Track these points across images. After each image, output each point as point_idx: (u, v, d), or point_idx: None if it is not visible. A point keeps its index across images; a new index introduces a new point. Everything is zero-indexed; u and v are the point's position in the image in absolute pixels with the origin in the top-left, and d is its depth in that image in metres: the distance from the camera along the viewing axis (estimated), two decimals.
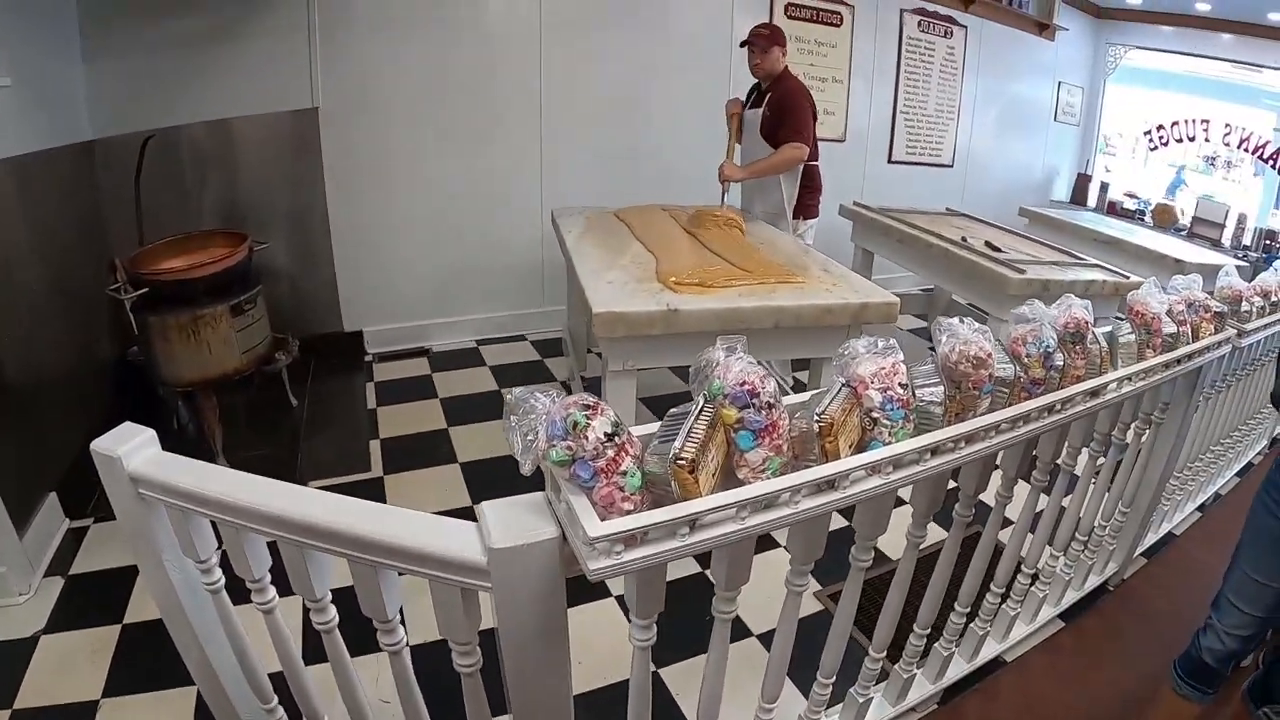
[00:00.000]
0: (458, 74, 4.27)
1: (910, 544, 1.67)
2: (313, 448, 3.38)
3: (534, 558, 1.04)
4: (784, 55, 3.77)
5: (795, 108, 3.65)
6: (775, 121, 3.67)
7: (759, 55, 3.70)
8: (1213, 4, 6.20)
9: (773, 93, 3.74)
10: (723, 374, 1.10)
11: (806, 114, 3.68)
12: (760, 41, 3.68)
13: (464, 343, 4.65)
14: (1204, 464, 3.10)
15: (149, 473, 1.19)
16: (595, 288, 2.45)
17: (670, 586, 1.18)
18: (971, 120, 6.55)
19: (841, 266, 2.97)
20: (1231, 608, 1.84)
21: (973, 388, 1.39)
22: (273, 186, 4.01)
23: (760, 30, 3.71)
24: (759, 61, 3.72)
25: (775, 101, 3.70)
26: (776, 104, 3.69)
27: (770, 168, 3.70)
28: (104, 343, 3.41)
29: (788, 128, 3.62)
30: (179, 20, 3.57)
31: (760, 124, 3.74)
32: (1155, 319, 2.00)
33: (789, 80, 3.76)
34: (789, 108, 3.65)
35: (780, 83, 3.75)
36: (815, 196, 3.96)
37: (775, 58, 3.71)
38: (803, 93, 3.73)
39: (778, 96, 3.70)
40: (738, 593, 1.30)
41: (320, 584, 1.24)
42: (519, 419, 1.04)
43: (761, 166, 3.69)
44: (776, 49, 3.71)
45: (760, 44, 3.68)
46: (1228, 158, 7.03)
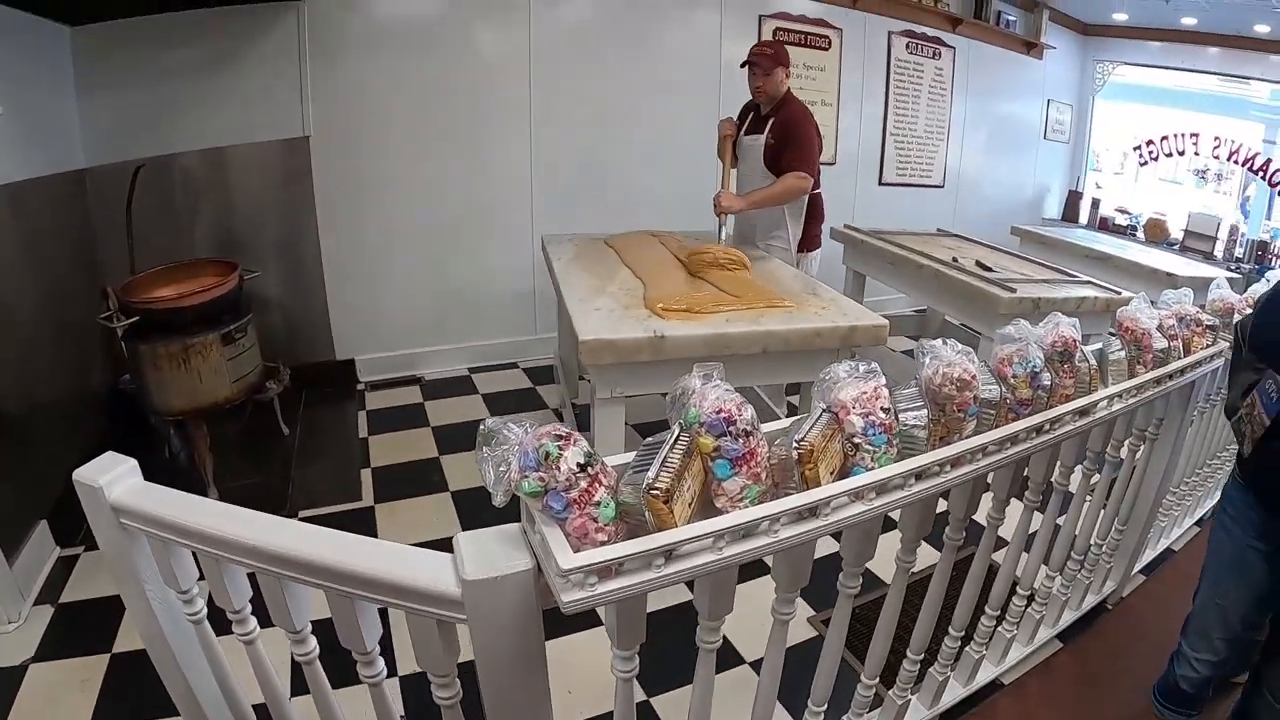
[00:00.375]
0: (448, 101, 4.29)
1: (900, 569, 1.65)
2: (304, 477, 3.36)
3: (509, 590, 1.03)
4: (787, 76, 3.52)
5: (802, 136, 3.42)
6: (779, 149, 3.44)
7: (761, 77, 3.45)
8: (1198, 18, 6.25)
9: (776, 118, 3.49)
10: (699, 402, 1.09)
11: (813, 142, 3.46)
12: (764, 61, 3.42)
13: (456, 370, 4.65)
14: (1201, 478, 3.08)
15: (130, 503, 1.19)
16: (583, 315, 2.44)
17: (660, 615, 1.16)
18: (961, 140, 6.59)
19: (831, 290, 2.97)
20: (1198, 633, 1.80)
21: (957, 410, 1.37)
22: (264, 215, 4.02)
23: (764, 49, 3.47)
24: (761, 84, 3.47)
25: (779, 127, 3.45)
26: (781, 130, 3.45)
27: (772, 198, 3.42)
28: (97, 371, 3.41)
29: (793, 156, 3.38)
30: (171, 51, 3.60)
31: (763, 152, 3.50)
32: (1145, 335, 1.99)
33: (793, 104, 3.51)
34: (795, 136, 3.41)
35: (784, 106, 3.50)
36: (818, 226, 3.75)
37: (779, 79, 3.47)
38: (809, 118, 3.49)
39: (782, 122, 3.46)
40: (721, 622, 1.28)
41: (299, 616, 1.22)
42: (491, 450, 1.02)
43: (762, 197, 3.40)
44: (780, 70, 3.46)
45: (764, 64, 3.42)
46: (1218, 170, 7.07)
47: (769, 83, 3.46)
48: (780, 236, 3.64)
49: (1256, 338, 1.53)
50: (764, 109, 3.58)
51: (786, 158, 3.40)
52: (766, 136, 3.50)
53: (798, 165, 3.37)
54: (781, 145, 3.44)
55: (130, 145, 3.51)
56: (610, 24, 4.63)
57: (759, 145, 3.53)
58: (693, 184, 4.66)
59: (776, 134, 3.46)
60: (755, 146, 3.56)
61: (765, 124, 3.53)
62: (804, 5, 5.33)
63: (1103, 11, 6.85)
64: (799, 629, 2.42)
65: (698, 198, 3.68)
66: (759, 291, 2.75)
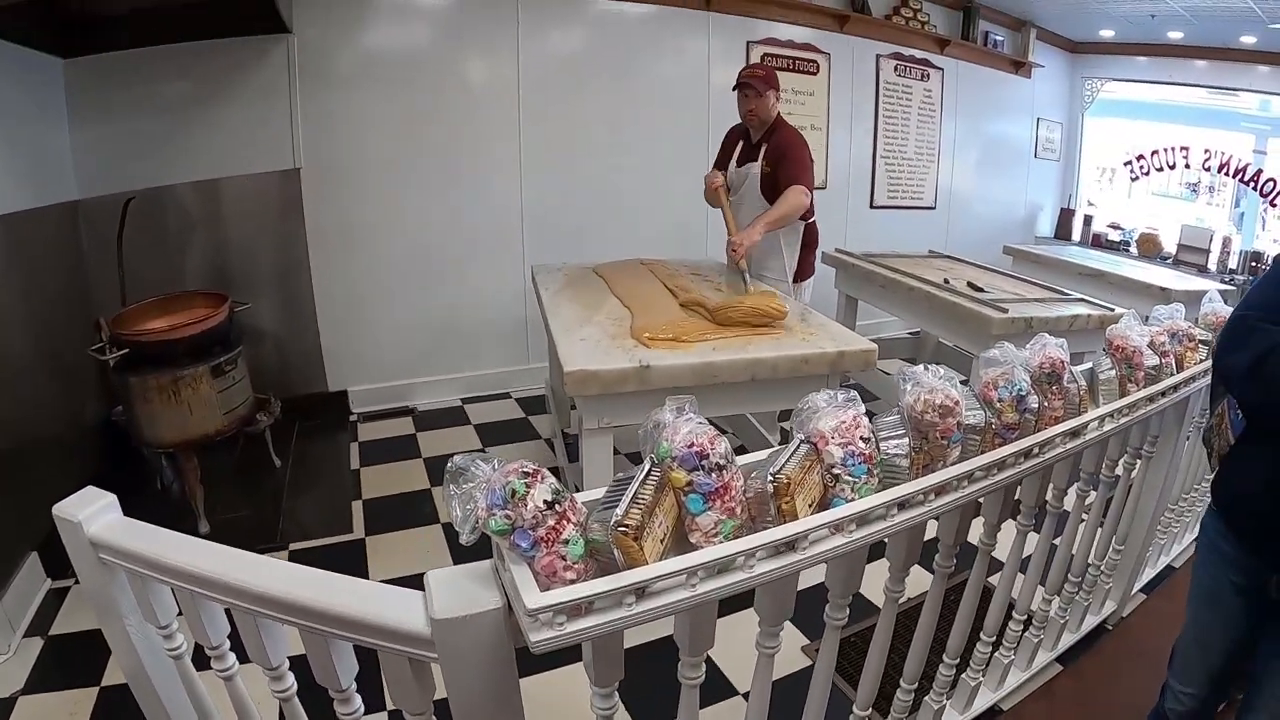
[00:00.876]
0: (438, 133, 4.32)
1: (889, 599, 1.62)
2: (295, 509, 3.34)
3: (479, 628, 1.01)
4: (778, 100, 3.44)
5: (797, 156, 3.35)
6: (775, 173, 3.38)
7: (754, 99, 3.37)
8: (1185, 31, 6.28)
9: (769, 144, 3.44)
10: (671, 435, 1.07)
11: (809, 163, 3.39)
12: (756, 84, 3.34)
13: (449, 401, 4.64)
14: (1200, 493, 3.05)
15: (109, 538, 1.19)
16: (568, 345, 2.43)
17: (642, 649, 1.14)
18: (952, 161, 6.61)
19: (820, 315, 2.95)
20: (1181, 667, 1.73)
21: (940, 437, 1.35)
22: (256, 247, 4.03)
23: (755, 72, 3.42)
24: (754, 107, 3.39)
25: (773, 153, 3.40)
26: (775, 155, 3.39)
27: (781, 218, 3.27)
28: (90, 402, 3.40)
29: (790, 172, 3.30)
30: (161, 83, 3.64)
31: (760, 180, 3.45)
32: (1136, 352, 1.97)
33: (785, 129, 3.46)
34: (791, 157, 3.35)
35: (776, 132, 3.45)
36: (813, 254, 3.72)
37: (770, 102, 3.39)
38: (802, 141, 3.44)
39: (775, 147, 3.41)
40: (702, 658, 1.26)
41: (275, 653, 1.22)
42: (459, 487, 1.01)
43: (773, 217, 3.24)
44: (772, 93, 3.39)
45: (757, 86, 3.34)
46: (1210, 183, 7.08)
47: (761, 105, 3.39)
48: (775, 267, 3.58)
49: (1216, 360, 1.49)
50: (755, 135, 3.53)
51: (785, 176, 3.31)
52: (761, 164, 3.45)
53: (795, 180, 3.28)
54: (776, 169, 3.38)
55: (122, 177, 3.54)
56: (598, 53, 4.67)
57: (755, 174, 3.48)
58: (683, 211, 4.69)
59: (771, 160, 3.42)
60: (751, 176, 3.50)
61: (758, 151, 3.48)
62: (791, 30, 5.37)
63: (1089, 29, 6.90)
64: (793, 658, 2.40)
65: (688, 225, 3.69)
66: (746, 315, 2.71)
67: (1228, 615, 1.56)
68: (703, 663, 1.27)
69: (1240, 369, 1.30)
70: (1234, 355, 1.33)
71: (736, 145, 3.61)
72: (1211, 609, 1.60)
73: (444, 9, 4.25)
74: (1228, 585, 1.53)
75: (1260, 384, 1.27)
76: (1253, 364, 1.27)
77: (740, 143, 3.59)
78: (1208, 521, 1.60)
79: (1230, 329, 1.37)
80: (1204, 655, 1.65)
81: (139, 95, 3.58)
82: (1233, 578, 1.51)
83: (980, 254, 5.31)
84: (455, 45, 4.29)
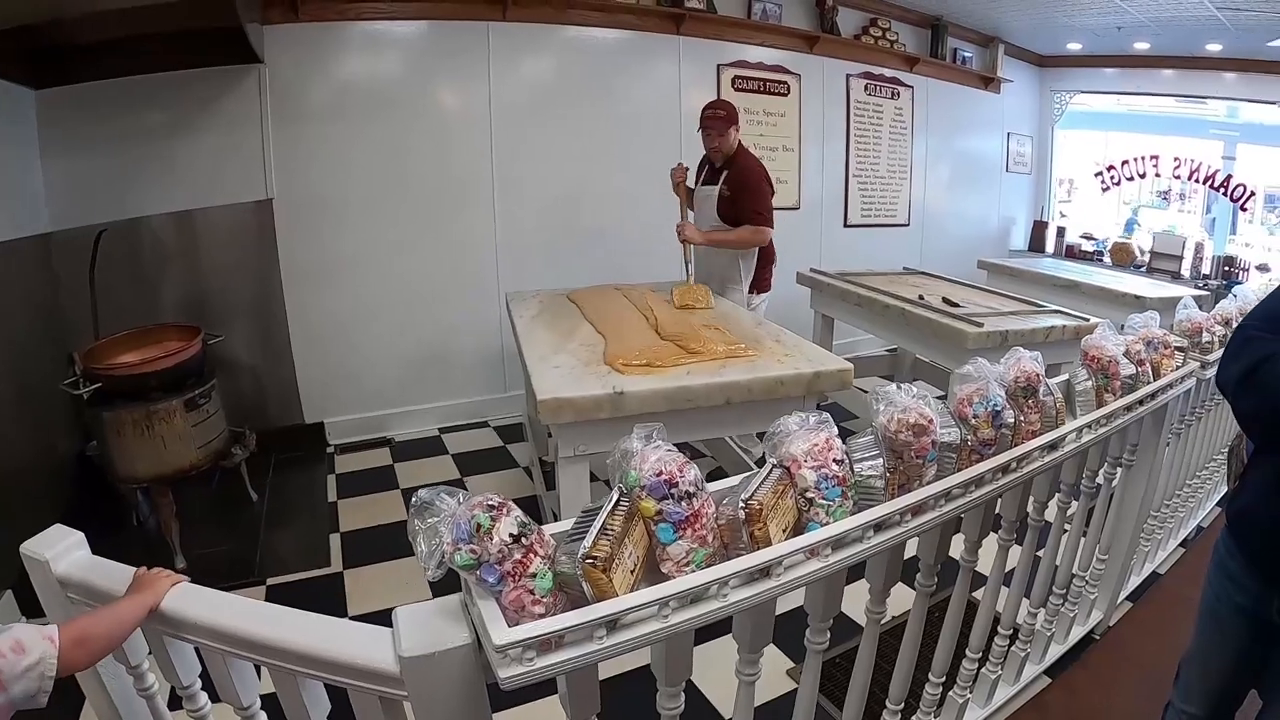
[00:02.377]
0: (411, 162, 4.31)
1: (871, 620, 1.60)
2: (272, 543, 3.29)
3: (448, 665, 1.00)
4: (738, 132, 3.69)
5: (756, 189, 3.58)
6: (734, 200, 3.60)
7: (717, 138, 3.61)
8: (1151, 42, 6.38)
9: (729, 170, 3.65)
10: (639, 464, 1.05)
11: (767, 193, 3.62)
12: (718, 125, 3.59)
13: (426, 431, 4.59)
14: (1181, 499, 3.06)
15: (76, 576, 1.19)
16: (541, 373, 2.42)
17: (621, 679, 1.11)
18: (924, 178, 6.67)
19: (795, 336, 2.95)
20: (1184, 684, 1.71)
21: (915, 456, 1.34)
22: (229, 278, 4.00)
23: (716, 112, 3.62)
24: (717, 144, 3.64)
25: (734, 180, 3.61)
26: (736, 183, 3.61)
27: (729, 242, 3.63)
28: (64, 437, 3.36)
29: (749, 208, 3.56)
30: (134, 114, 3.62)
31: (717, 203, 3.67)
32: (1112, 362, 1.98)
33: (746, 158, 3.69)
34: (750, 188, 3.58)
35: (736, 160, 3.67)
36: (769, 270, 3.88)
37: (732, 138, 3.64)
38: (762, 172, 3.67)
39: (736, 175, 3.62)
40: (680, 688, 1.24)
41: (246, 692, 1.20)
42: (423, 522, 0.99)
43: (720, 238, 3.63)
44: (733, 129, 3.63)
45: (718, 127, 3.59)
46: (1180, 190, 7.18)
47: (724, 142, 3.63)
48: (733, 277, 3.78)
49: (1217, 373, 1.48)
50: (718, 164, 3.75)
51: (744, 210, 3.57)
52: (721, 188, 3.66)
53: (755, 219, 3.56)
54: (736, 196, 3.60)
55: (94, 209, 3.51)
56: (570, 81, 4.69)
57: (713, 196, 3.70)
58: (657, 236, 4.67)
59: (731, 185, 3.63)
60: (710, 197, 3.72)
61: (719, 175, 3.70)
62: (761, 53, 5.41)
63: (1057, 43, 7.01)
64: (776, 681, 2.37)
65: (662, 250, 3.71)
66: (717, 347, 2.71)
67: (1230, 635, 1.54)
68: (681, 692, 1.25)
69: (1235, 378, 1.30)
70: (1230, 366, 1.33)
71: (704, 167, 3.88)
72: (1215, 627, 1.58)
73: (415, 39, 4.26)
74: (1231, 604, 1.51)
75: (1252, 393, 1.26)
76: (1246, 373, 1.26)
77: (706, 166, 3.86)
78: (1219, 539, 1.58)
79: (1230, 341, 1.37)
80: (1205, 674, 1.63)
81: (111, 126, 3.57)
82: (1237, 598, 1.49)
83: (955, 269, 5.35)
84: (427, 74, 4.30)
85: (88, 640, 1.02)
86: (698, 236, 3.60)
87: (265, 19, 3.81)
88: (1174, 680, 1.73)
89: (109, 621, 1.06)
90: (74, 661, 0.99)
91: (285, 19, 3.87)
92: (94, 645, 1.03)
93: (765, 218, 3.57)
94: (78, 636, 1.00)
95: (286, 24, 3.88)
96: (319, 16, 3.96)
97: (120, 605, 1.09)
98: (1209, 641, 1.61)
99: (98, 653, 1.06)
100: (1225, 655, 1.57)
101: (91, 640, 1.02)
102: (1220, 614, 1.55)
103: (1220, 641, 1.57)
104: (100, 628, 1.05)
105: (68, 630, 0.99)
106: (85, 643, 1.01)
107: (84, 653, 1.01)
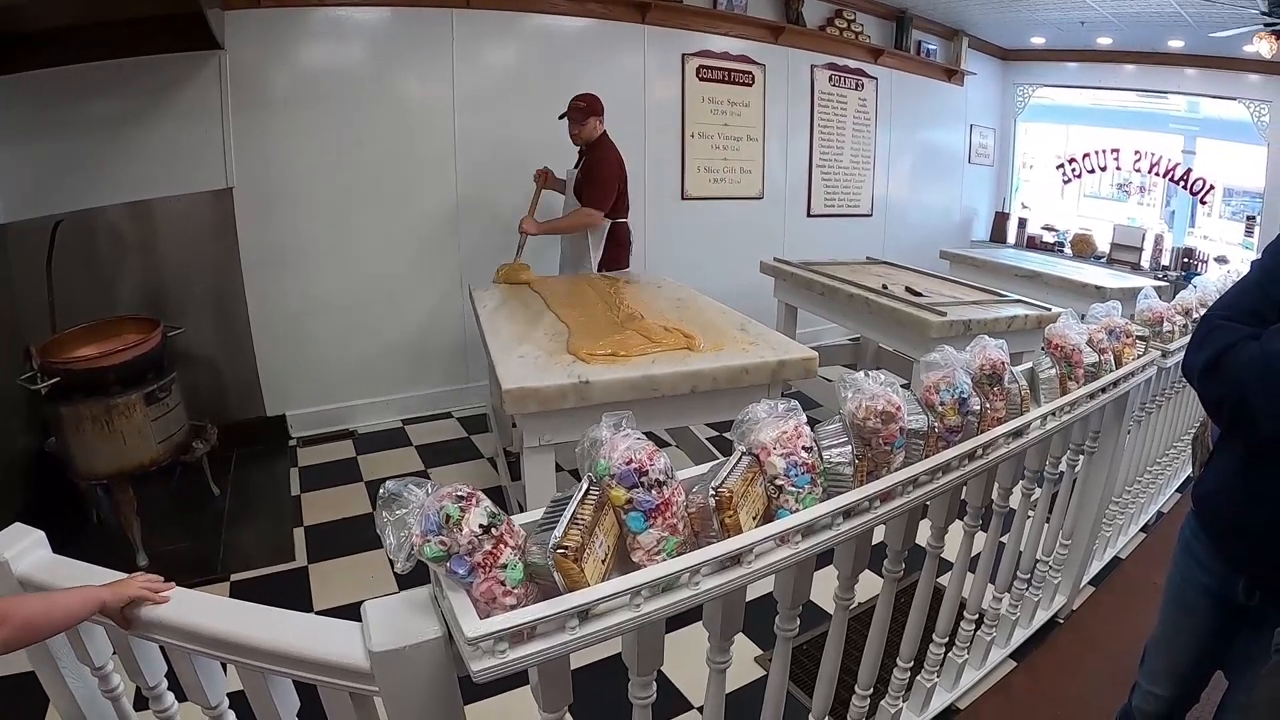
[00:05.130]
0: (373, 152, 4.25)
1: (839, 607, 1.61)
2: (235, 538, 3.23)
3: (419, 659, 0.99)
4: (601, 123, 4.06)
5: (600, 176, 3.95)
6: (582, 184, 4.01)
7: (577, 126, 4.00)
8: (1114, 37, 6.47)
9: (587, 158, 4.05)
10: (608, 453, 1.04)
11: (610, 181, 3.97)
12: (577, 115, 3.97)
13: (390, 423, 4.54)
14: (1143, 485, 3.13)
15: (37, 576, 1.16)
16: (506, 363, 2.41)
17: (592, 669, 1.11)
18: (887, 169, 6.72)
19: (759, 325, 2.97)
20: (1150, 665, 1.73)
21: (884, 443, 1.35)
22: (189, 269, 3.91)
23: (578, 104, 3.97)
24: (577, 131, 4.01)
25: (586, 167, 4.03)
26: (587, 169, 4.02)
27: (565, 227, 4.07)
28: (21, 434, 3.26)
29: (590, 193, 3.95)
30: (90, 102, 3.51)
31: (574, 185, 4.07)
32: (1075, 350, 2.01)
33: (601, 148, 4.03)
34: (595, 175, 3.96)
35: (594, 149, 4.04)
36: (620, 251, 4.19)
37: (592, 126, 4.02)
38: (611, 160, 4.01)
39: (589, 162, 4.02)
40: (652, 677, 1.24)
41: (214, 691, 1.19)
42: (391, 513, 0.97)
43: (558, 225, 4.06)
44: (594, 119, 4.01)
45: (578, 117, 3.97)
46: (1140, 183, 7.31)
47: (584, 130, 4.01)
48: (585, 260, 4.11)
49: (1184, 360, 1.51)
50: (580, 149, 4.13)
51: (586, 193, 3.98)
52: (577, 174, 4.09)
53: (588, 203, 3.95)
54: (584, 181, 4.01)
55: (51, 199, 3.41)
56: (534, 68, 4.65)
57: (572, 179, 4.11)
58: None
59: (584, 172, 4.04)
60: (571, 179, 4.12)
61: (580, 161, 4.12)
62: (726, 43, 5.41)
63: (1021, 36, 7.09)
64: (747, 669, 2.39)
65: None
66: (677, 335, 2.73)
67: (1195, 616, 1.57)
68: (653, 681, 1.25)
69: (1200, 365, 1.32)
70: (1196, 353, 1.35)
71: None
72: (1180, 609, 1.61)
73: (379, 26, 4.19)
74: (1197, 586, 1.54)
75: (1217, 380, 1.28)
76: (1211, 360, 1.28)
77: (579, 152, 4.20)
78: (1185, 523, 1.60)
79: (1196, 330, 1.39)
80: (1171, 655, 1.66)
81: (67, 114, 3.46)
82: (1202, 579, 1.52)
83: (917, 259, 5.38)
84: (390, 63, 4.23)
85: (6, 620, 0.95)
86: (533, 228, 3.98)
87: (226, 4, 3.72)
88: (1139, 663, 1.76)
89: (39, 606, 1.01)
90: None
91: (246, 4, 3.78)
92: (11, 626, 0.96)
93: (597, 203, 3.94)
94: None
95: (248, 9, 3.79)
96: (281, 1, 3.88)
97: (64, 593, 1.06)
98: (1175, 623, 1.64)
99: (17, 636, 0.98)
100: (1191, 637, 1.59)
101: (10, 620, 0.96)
102: (1186, 596, 1.57)
103: (1186, 623, 1.59)
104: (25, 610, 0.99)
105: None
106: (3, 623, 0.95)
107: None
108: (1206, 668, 1.63)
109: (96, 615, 1.07)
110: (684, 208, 5.43)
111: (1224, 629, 1.53)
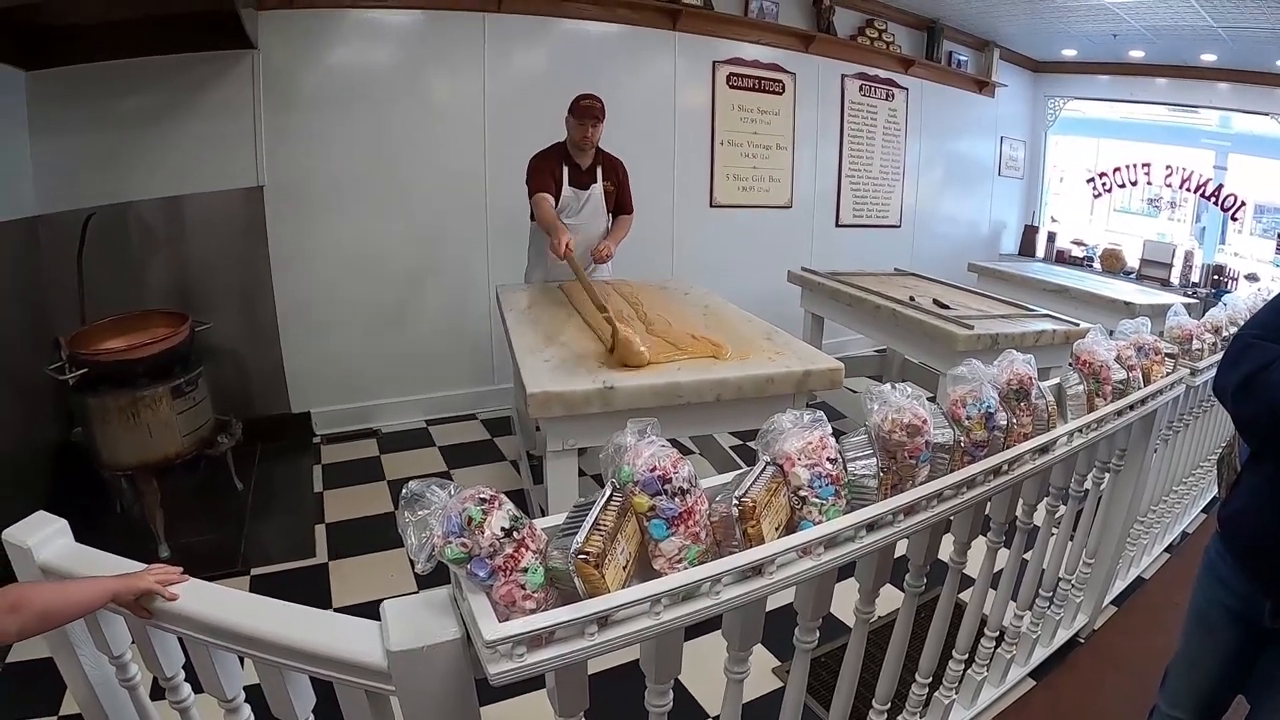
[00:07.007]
0: (403, 153, 4.28)
1: (859, 620, 1.60)
2: (257, 533, 3.26)
3: (437, 660, 0.99)
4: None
5: (627, 177, 3.91)
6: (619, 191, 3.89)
7: (594, 128, 3.73)
8: (1146, 50, 6.39)
9: (604, 165, 3.85)
10: (632, 459, 1.04)
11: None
12: (602, 116, 3.72)
13: (414, 423, 4.56)
14: (1168, 505, 3.08)
15: (59, 564, 1.18)
16: (531, 366, 2.40)
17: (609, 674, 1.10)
18: (917, 180, 6.68)
19: (786, 334, 2.95)
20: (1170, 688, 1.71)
21: (909, 457, 1.34)
22: (218, 265, 3.95)
23: (595, 104, 3.71)
24: (594, 134, 3.75)
25: (612, 174, 3.87)
26: (615, 177, 3.88)
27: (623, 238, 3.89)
28: (48, 423, 3.31)
29: (626, 201, 3.91)
30: (126, 98, 3.57)
31: (605, 198, 3.85)
32: (1103, 367, 1.98)
33: (608, 154, 3.90)
34: (626, 182, 3.91)
35: (604, 155, 3.87)
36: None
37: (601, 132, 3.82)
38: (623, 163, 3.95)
39: (613, 170, 3.87)
40: (669, 685, 1.23)
41: (230, 684, 1.19)
42: (414, 514, 0.97)
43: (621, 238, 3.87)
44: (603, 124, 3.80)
45: (600, 118, 3.71)
46: (1171, 198, 7.22)
47: (598, 134, 3.76)
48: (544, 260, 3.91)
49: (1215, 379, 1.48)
50: (585, 159, 3.82)
51: (623, 201, 3.91)
52: (605, 184, 3.85)
53: (629, 209, 3.93)
54: (620, 190, 3.90)
55: (84, 192, 3.46)
56: (564, 72, 4.64)
57: (599, 194, 3.84)
58: (649, 231, 4.65)
59: (612, 179, 3.87)
60: (595, 195, 3.83)
61: (594, 172, 3.84)
62: (757, 50, 5.40)
63: (1052, 48, 7.02)
64: (764, 680, 2.37)
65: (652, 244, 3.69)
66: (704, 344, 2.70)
67: (1218, 639, 1.55)
68: (670, 690, 1.25)
69: (1233, 385, 1.30)
70: (1229, 373, 1.33)
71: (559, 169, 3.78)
72: (1203, 631, 1.59)
73: (411, 28, 4.22)
74: (1220, 608, 1.52)
75: (1251, 399, 1.27)
76: (1244, 379, 1.27)
77: (564, 167, 3.79)
78: (1210, 544, 1.58)
79: (1229, 348, 1.37)
80: (1192, 678, 1.63)
81: (102, 109, 3.52)
82: (1226, 601, 1.50)
83: (945, 271, 5.35)
84: (422, 64, 4.27)
85: (22, 608, 0.96)
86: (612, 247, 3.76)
87: (260, 4, 3.77)
88: (1160, 684, 1.73)
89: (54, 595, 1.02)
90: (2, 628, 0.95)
91: (280, 4, 3.83)
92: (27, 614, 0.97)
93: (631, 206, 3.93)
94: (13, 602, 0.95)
95: (281, 9, 3.84)
96: (314, 3, 3.92)
97: (79, 582, 1.06)
98: (1197, 645, 1.61)
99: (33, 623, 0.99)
100: (1213, 659, 1.57)
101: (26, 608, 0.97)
102: (1209, 618, 1.55)
103: (1209, 645, 1.57)
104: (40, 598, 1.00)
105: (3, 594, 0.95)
106: (19, 609, 0.96)
107: (15, 620, 0.96)
108: (1228, 691, 1.60)
109: (111, 605, 1.08)
110: (712, 215, 5.41)
111: (1247, 652, 1.51)
